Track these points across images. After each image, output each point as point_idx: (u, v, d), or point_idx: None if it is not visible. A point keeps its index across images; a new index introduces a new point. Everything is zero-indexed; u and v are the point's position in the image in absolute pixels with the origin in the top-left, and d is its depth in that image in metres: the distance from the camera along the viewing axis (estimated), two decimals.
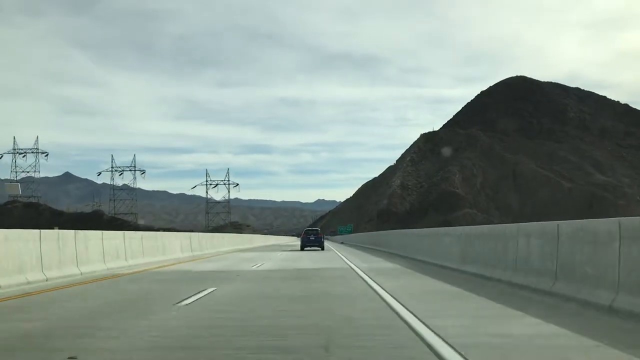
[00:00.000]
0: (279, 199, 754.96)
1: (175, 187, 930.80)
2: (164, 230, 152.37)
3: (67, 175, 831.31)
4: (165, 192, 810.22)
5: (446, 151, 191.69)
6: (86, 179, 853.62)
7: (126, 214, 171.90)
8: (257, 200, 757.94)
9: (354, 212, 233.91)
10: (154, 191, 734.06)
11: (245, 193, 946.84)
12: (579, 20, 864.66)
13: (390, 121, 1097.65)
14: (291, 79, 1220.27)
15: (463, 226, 23.26)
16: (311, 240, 45.35)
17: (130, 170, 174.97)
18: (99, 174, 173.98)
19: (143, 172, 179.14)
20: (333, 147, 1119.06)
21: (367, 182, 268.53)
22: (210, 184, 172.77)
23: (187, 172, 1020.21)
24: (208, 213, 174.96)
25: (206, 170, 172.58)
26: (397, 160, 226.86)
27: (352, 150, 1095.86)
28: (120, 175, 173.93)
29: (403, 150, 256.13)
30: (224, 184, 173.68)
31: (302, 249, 43.43)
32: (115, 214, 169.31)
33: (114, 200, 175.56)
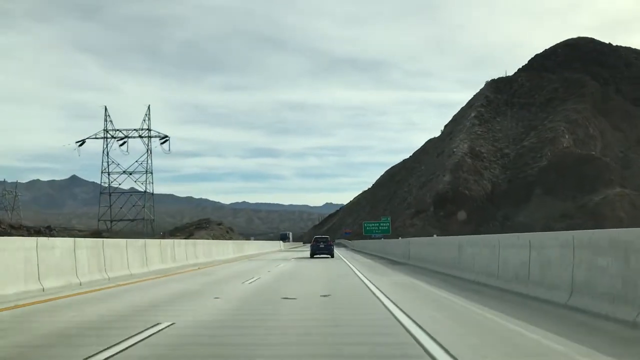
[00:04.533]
0: (286, 203, 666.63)
1: (181, 190, 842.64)
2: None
3: (74, 179, 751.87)
4: (171, 196, 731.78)
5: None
6: (93, 182, 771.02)
7: None
8: (264, 204, 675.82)
9: (379, 205, 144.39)
10: (159, 194, 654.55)
11: (252, 197, 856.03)
12: (583, 24, 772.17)
13: (397, 125, 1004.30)
14: (297, 83, 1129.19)
15: None
16: (321, 247, 35.76)
17: None
18: None
19: None
20: (340, 151, 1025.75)
21: (396, 166, 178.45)
22: (113, 137, 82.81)
23: (194, 175, 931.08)
24: (108, 193, 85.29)
25: (105, 107, 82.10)
26: (445, 126, 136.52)
27: (359, 154, 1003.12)
28: None
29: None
30: (140, 135, 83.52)
31: (311, 256, 35.26)
32: None
33: None
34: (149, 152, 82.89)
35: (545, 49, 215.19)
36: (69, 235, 63.16)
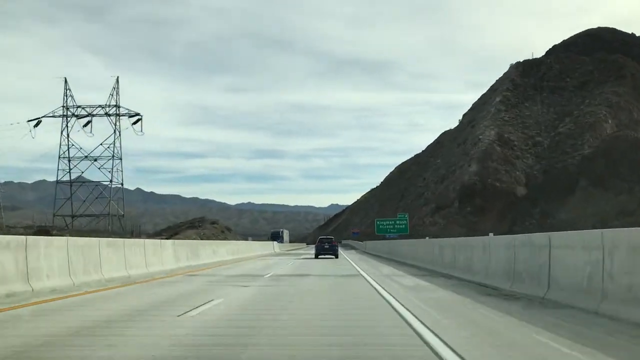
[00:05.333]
0: (291, 204, 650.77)
1: (187, 191, 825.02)
2: None
3: (80, 179, 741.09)
4: (177, 196, 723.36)
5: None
6: (99, 182, 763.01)
7: None
8: (269, 205, 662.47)
9: (389, 203, 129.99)
10: (166, 195, 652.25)
11: (257, 197, 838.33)
12: (590, 25, 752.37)
13: (402, 126, 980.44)
14: (302, 85, 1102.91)
15: None
16: (325, 248, 34.87)
17: None
18: None
19: None
20: (345, 152, 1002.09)
21: (407, 162, 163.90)
22: (74, 115, 68.62)
23: (200, 176, 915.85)
24: (68, 183, 71.55)
25: (65, 79, 68.23)
26: (464, 115, 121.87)
27: (364, 155, 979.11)
28: None
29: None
30: (107, 113, 69.15)
31: (316, 256, 34.26)
32: None
33: None
34: (117, 132, 68.57)
35: (564, 40, 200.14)
36: (10, 233, 49.27)
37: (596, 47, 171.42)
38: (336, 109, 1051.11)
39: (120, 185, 73.91)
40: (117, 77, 71.38)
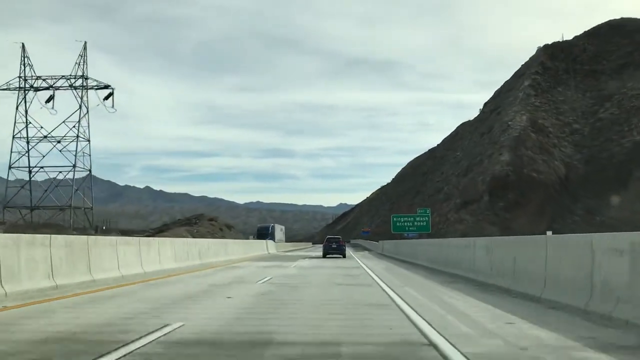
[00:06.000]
0: (300, 203, 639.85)
1: (196, 190, 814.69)
2: None
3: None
4: (186, 195, 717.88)
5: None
6: (109, 181, 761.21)
7: None
8: (278, 204, 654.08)
9: (402, 200, 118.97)
10: (175, 193, 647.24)
11: (266, 197, 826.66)
12: (601, 24, 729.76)
13: (411, 126, 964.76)
14: (310, 84, 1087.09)
15: None
16: (333, 247, 35.49)
17: None
18: None
19: None
20: (353, 151, 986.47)
21: (421, 156, 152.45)
22: (32, 87, 56.75)
23: (208, 175, 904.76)
24: (26, 170, 60.26)
25: (22, 45, 56.97)
26: (485, 104, 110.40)
27: (373, 155, 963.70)
28: None
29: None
30: (72, 85, 57.35)
31: (324, 256, 34.83)
32: None
33: None
34: (85, 108, 57.33)
35: (586, 30, 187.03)
36: None
37: (627, 33, 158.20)
38: (345, 108, 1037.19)
39: (87, 172, 63.05)
40: (85, 42, 59.54)
